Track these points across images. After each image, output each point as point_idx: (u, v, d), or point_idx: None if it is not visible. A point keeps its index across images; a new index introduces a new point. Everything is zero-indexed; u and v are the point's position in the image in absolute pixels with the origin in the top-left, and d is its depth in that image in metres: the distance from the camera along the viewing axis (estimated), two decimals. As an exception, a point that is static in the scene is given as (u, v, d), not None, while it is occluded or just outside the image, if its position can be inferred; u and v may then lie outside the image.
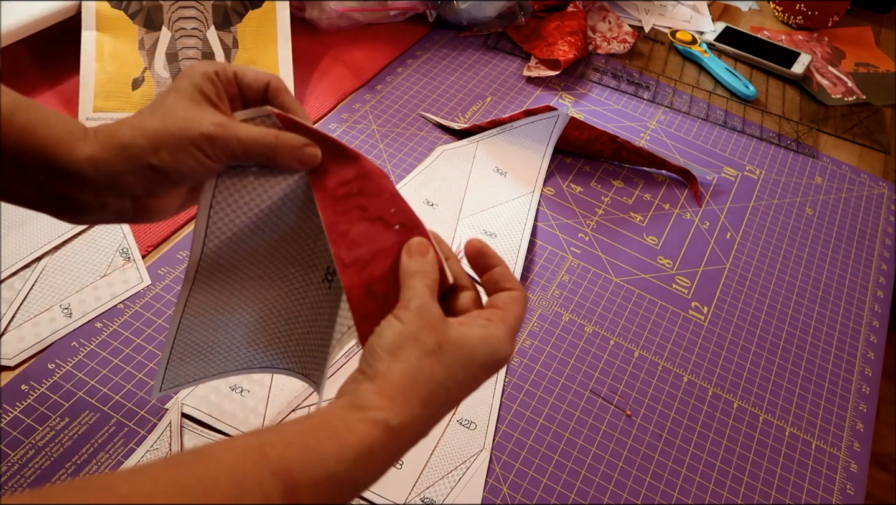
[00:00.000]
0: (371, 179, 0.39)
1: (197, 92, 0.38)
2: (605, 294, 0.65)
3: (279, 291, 0.43)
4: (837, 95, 0.95)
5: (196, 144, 0.36)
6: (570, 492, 0.52)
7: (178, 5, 0.72)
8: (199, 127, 0.36)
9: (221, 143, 0.37)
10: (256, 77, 0.40)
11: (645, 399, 0.58)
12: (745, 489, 0.54)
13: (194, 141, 0.36)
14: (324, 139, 0.39)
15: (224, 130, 0.37)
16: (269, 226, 0.41)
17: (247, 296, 0.43)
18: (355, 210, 0.38)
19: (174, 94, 0.38)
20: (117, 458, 0.48)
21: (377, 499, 0.49)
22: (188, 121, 0.37)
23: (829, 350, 0.65)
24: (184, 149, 0.36)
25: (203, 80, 0.38)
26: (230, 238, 0.40)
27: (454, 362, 0.35)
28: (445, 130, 0.78)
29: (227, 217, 0.40)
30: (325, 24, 0.86)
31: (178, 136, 0.36)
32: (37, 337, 0.53)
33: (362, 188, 0.39)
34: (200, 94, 0.38)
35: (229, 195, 0.39)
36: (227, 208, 0.39)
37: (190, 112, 0.37)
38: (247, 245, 0.41)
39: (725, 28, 1.01)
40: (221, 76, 0.39)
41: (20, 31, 0.67)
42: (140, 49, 0.72)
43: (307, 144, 0.38)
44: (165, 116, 0.37)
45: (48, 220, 0.61)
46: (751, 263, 0.71)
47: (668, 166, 0.78)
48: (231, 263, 0.41)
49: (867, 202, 0.81)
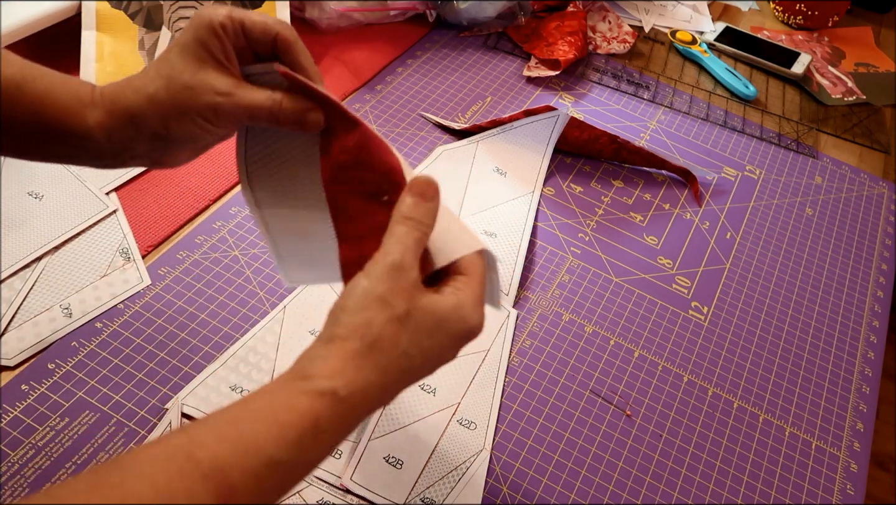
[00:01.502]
0: (369, 150, 0.38)
1: (202, 48, 0.36)
2: (605, 294, 0.65)
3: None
4: (837, 95, 0.95)
5: (202, 115, 0.37)
6: (570, 492, 0.52)
7: (178, 5, 0.72)
8: (203, 97, 0.36)
9: (226, 113, 0.37)
10: (265, 28, 0.38)
11: (645, 399, 0.58)
12: (745, 489, 0.54)
13: (200, 112, 0.36)
14: (328, 103, 0.38)
15: (228, 100, 0.37)
16: (302, 163, 0.41)
17: (309, 216, 0.43)
18: (354, 183, 0.37)
19: (178, 50, 0.37)
20: (117, 458, 0.48)
21: (377, 499, 0.49)
22: (192, 89, 0.36)
23: (829, 350, 0.65)
24: (190, 119, 0.37)
25: (208, 35, 0.36)
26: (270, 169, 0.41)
27: (420, 330, 0.32)
28: (445, 130, 0.78)
29: (262, 155, 0.41)
30: (325, 24, 0.86)
31: (183, 106, 0.36)
32: (37, 337, 0.53)
33: (360, 159, 0.38)
34: (206, 52, 0.37)
35: (259, 141, 0.40)
36: (259, 150, 0.40)
37: (195, 76, 0.36)
38: (288, 176, 0.41)
39: (725, 28, 1.01)
40: (228, 29, 0.37)
41: (20, 31, 0.67)
42: (140, 49, 0.72)
43: (309, 109, 0.37)
44: (170, 82, 0.36)
45: (48, 220, 0.61)
46: (751, 263, 0.71)
47: (668, 166, 0.78)
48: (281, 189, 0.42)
49: (867, 202, 0.81)
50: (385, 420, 0.52)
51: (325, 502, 0.48)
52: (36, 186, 0.63)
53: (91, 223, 0.61)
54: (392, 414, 0.53)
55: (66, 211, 0.62)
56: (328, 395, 0.30)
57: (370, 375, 0.31)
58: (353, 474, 0.49)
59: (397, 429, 0.52)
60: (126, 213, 0.63)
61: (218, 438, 0.28)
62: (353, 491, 0.49)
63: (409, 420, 0.53)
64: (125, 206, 0.63)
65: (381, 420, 0.52)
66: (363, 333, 0.31)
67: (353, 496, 0.49)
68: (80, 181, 0.64)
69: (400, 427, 0.52)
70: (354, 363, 0.31)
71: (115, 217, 0.62)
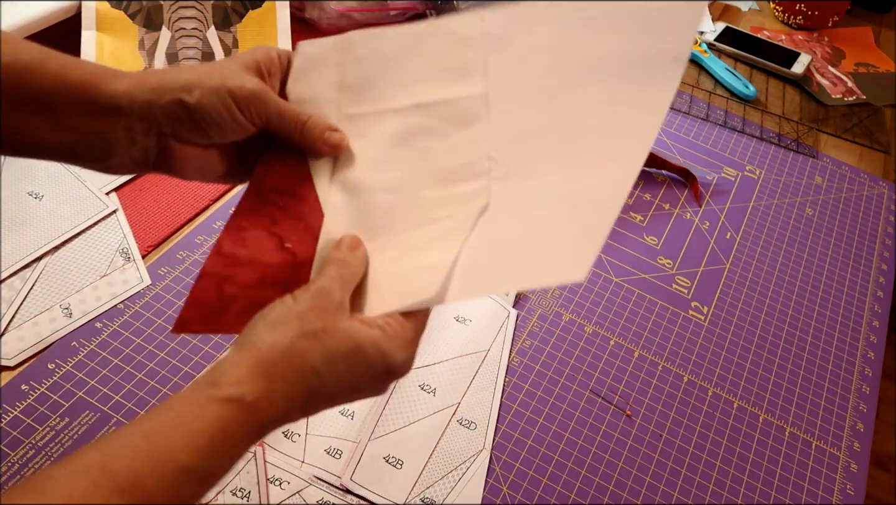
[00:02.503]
0: (303, 207, 0.39)
1: (252, 59, 0.38)
2: (605, 294, 0.65)
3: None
4: (837, 95, 0.95)
5: (233, 95, 0.36)
6: (570, 492, 0.52)
7: (178, 5, 0.72)
8: (240, 80, 0.37)
9: (260, 103, 0.37)
10: None
11: (645, 399, 0.58)
12: (745, 489, 0.54)
13: (233, 91, 0.36)
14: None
15: (266, 93, 0.37)
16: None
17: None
18: (266, 218, 0.38)
19: (227, 59, 0.39)
20: (117, 458, 0.48)
21: (377, 499, 0.49)
22: (231, 73, 0.37)
23: (829, 350, 0.65)
24: (219, 96, 0.36)
25: (262, 55, 0.39)
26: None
27: (336, 351, 0.33)
28: (445, 130, 0.78)
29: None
30: (325, 24, 0.86)
31: (215, 84, 0.36)
32: (37, 337, 0.53)
33: (288, 208, 0.39)
34: (255, 62, 0.38)
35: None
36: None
37: (238, 70, 0.37)
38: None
39: (725, 28, 1.01)
40: (283, 58, 0.40)
41: (20, 31, 0.67)
42: (140, 49, 0.72)
43: (333, 129, 0.39)
44: (206, 70, 0.37)
45: (48, 220, 0.61)
46: (751, 262, 0.71)
47: (668, 166, 0.78)
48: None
49: (867, 202, 0.81)
50: (385, 420, 0.52)
51: (325, 502, 0.48)
52: (36, 186, 0.63)
53: (91, 223, 0.61)
54: (392, 414, 0.53)
55: (66, 211, 0.62)
56: (235, 401, 0.30)
57: (275, 384, 0.31)
58: (353, 474, 0.49)
59: (397, 429, 0.52)
60: (126, 213, 0.63)
61: (131, 450, 0.28)
62: (353, 491, 0.49)
63: (409, 420, 0.53)
64: (125, 207, 0.63)
65: (382, 420, 0.52)
66: (273, 342, 0.32)
67: (353, 496, 0.49)
68: (80, 181, 0.64)
69: (400, 427, 0.52)
70: (261, 371, 0.31)
71: (115, 217, 0.62)
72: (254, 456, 0.49)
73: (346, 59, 0.41)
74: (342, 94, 0.41)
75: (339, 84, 0.41)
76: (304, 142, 0.39)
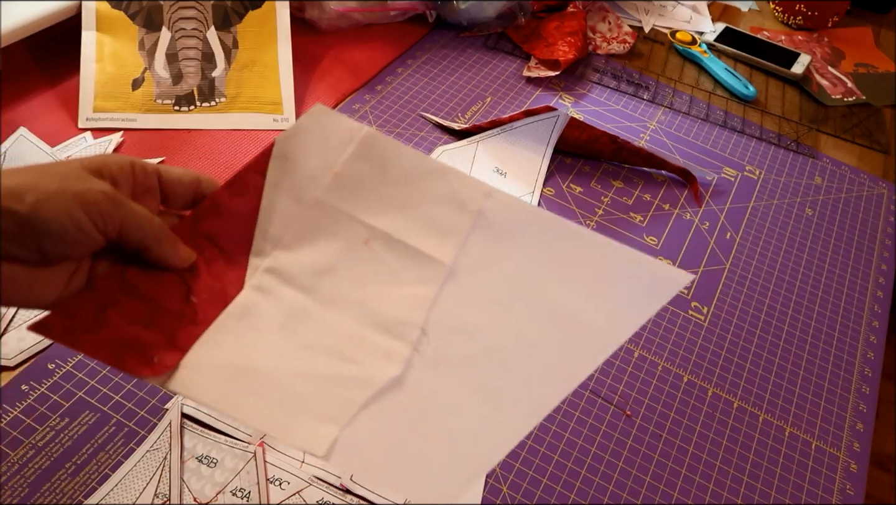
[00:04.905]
0: (227, 271, 0.37)
1: (101, 163, 0.33)
2: (605, 294, 0.65)
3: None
4: (837, 96, 0.95)
5: (80, 199, 0.31)
6: (570, 492, 0.52)
7: (178, 5, 0.72)
8: (86, 183, 0.31)
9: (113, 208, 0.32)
10: (182, 174, 0.37)
11: (645, 399, 0.58)
12: (745, 489, 0.54)
13: (79, 195, 0.31)
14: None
15: (119, 197, 0.32)
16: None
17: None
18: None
19: (65, 161, 0.33)
20: (117, 458, 0.48)
21: (377, 499, 0.49)
22: (74, 175, 0.31)
23: (829, 350, 0.65)
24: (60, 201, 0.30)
25: (115, 161, 0.34)
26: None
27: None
28: (445, 131, 0.78)
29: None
30: (324, 24, 0.86)
31: (53, 187, 0.30)
32: (37, 337, 0.53)
33: (212, 262, 0.37)
34: (102, 166, 0.33)
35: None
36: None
37: (81, 172, 0.32)
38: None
39: (725, 28, 1.02)
40: (136, 167, 0.35)
41: (20, 31, 0.67)
42: (140, 49, 0.72)
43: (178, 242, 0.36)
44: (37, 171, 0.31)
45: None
46: (751, 262, 0.71)
47: (668, 166, 0.78)
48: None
49: (867, 202, 0.81)
50: (385, 420, 0.52)
51: (325, 502, 0.48)
52: (36, 186, 0.63)
53: (91, 223, 0.61)
54: (392, 414, 0.53)
55: (66, 211, 0.61)
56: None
57: None
58: (353, 474, 0.49)
59: (397, 429, 0.52)
60: (126, 214, 0.63)
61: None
62: (353, 491, 0.49)
63: (409, 420, 0.53)
64: (125, 207, 0.63)
65: (381, 420, 0.52)
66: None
67: (353, 496, 0.49)
68: (80, 181, 0.64)
69: (400, 427, 0.52)
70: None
71: (115, 217, 0.62)
72: (254, 456, 0.49)
73: (356, 150, 0.39)
74: (328, 178, 0.39)
75: (332, 166, 0.39)
76: (160, 250, 0.35)
